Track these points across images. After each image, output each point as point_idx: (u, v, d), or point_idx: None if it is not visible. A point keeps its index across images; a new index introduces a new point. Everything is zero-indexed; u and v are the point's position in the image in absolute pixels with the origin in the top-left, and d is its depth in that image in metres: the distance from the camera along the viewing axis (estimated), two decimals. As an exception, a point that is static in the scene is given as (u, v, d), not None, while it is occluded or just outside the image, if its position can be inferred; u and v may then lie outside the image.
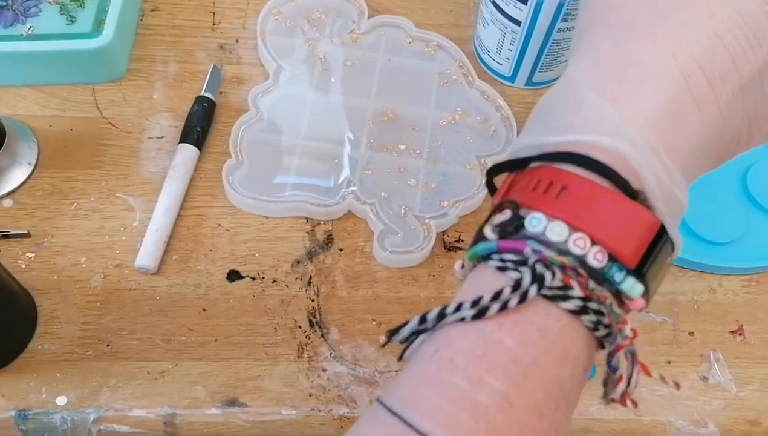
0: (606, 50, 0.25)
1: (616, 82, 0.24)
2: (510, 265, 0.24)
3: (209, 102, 0.50)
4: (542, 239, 0.23)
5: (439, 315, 0.24)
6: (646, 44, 0.24)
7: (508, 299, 0.23)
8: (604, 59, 0.25)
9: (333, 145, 0.49)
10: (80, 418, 0.40)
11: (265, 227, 0.47)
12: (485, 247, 0.25)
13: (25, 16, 0.50)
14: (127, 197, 0.47)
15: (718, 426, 0.43)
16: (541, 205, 0.24)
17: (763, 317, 0.47)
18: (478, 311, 0.23)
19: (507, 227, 0.24)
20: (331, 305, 0.45)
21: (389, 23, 0.55)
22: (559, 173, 0.24)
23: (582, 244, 0.23)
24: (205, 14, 0.56)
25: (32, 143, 0.48)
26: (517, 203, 0.25)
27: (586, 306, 0.23)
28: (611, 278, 0.23)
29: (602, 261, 0.23)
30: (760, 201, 0.49)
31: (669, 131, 0.24)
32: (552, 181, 0.24)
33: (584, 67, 0.26)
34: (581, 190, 0.23)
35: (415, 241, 0.46)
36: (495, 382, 0.22)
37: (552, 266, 0.23)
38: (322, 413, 0.41)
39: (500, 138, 0.51)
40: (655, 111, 0.24)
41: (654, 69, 0.24)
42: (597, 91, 0.24)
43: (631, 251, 0.23)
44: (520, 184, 0.25)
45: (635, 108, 0.24)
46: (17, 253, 0.44)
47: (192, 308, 0.44)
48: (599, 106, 0.24)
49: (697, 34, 0.24)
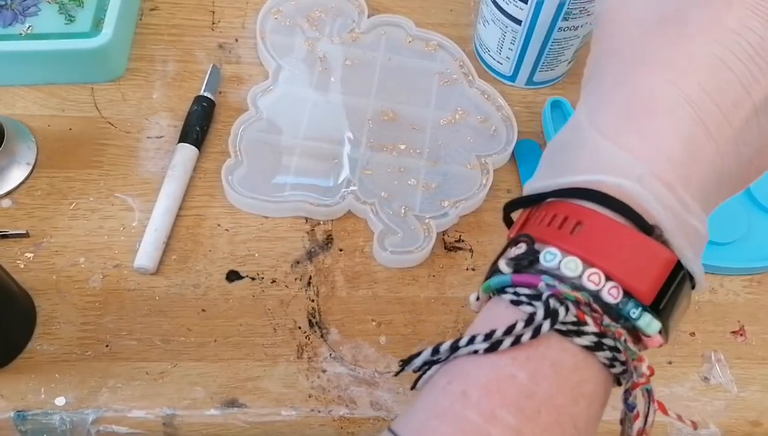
0: (611, 88, 0.25)
1: (624, 120, 0.24)
2: (524, 299, 0.24)
3: (208, 101, 0.50)
4: (556, 274, 0.23)
5: (452, 347, 0.24)
6: (653, 79, 0.24)
7: (521, 333, 0.23)
8: (611, 98, 0.25)
9: (333, 145, 0.49)
10: (79, 419, 0.40)
11: (265, 227, 0.47)
12: (499, 280, 0.25)
13: (24, 15, 0.50)
14: (126, 197, 0.47)
15: (719, 427, 0.43)
16: (556, 240, 0.24)
17: (765, 318, 0.47)
18: (491, 344, 0.23)
19: (522, 260, 0.24)
20: (331, 306, 0.45)
21: (389, 22, 0.55)
22: (574, 209, 0.24)
23: (596, 279, 0.23)
24: (205, 13, 0.55)
25: (31, 143, 0.48)
26: (533, 238, 0.25)
27: (601, 342, 0.23)
28: (627, 314, 0.23)
29: (617, 297, 0.23)
30: (761, 201, 0.49)
31: (683, 163, 0.24)
32: (567, 217, 0.24)
33: (592, 106, 0.26)
34: (596, 225, 0.23)
35: (415, 241, 0.46)
36: (508, 416, 0.22)
37: (566, 301, 0.23)
38: (322, 413, 0.41)
39: (501, 137, 0.51)
40: (666, 144, 0.24)
41: (660, 102, 0.24)
42: (605, 131, 0.24)
43: (646, 287, 0.23)
44: (535, 218, 0.25)
45: (646, 144, 0.24)
46: (16, 253, 0.44)
47: (191, 309, 0.44)
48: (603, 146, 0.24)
49: (703, 64, 0.24)
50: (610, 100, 0.25)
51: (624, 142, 0.24)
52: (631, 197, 0.23)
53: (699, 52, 0.24)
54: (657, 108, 0.24)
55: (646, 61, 0.25)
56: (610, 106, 0.25)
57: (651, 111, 0.24)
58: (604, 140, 0.24)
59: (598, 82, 0.26)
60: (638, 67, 0.25)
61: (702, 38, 0.24)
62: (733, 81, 0.24)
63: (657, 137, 0.24)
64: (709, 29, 0.24)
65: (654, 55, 0.25)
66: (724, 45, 0.24)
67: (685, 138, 0.24)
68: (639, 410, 0.24)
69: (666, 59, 0.24)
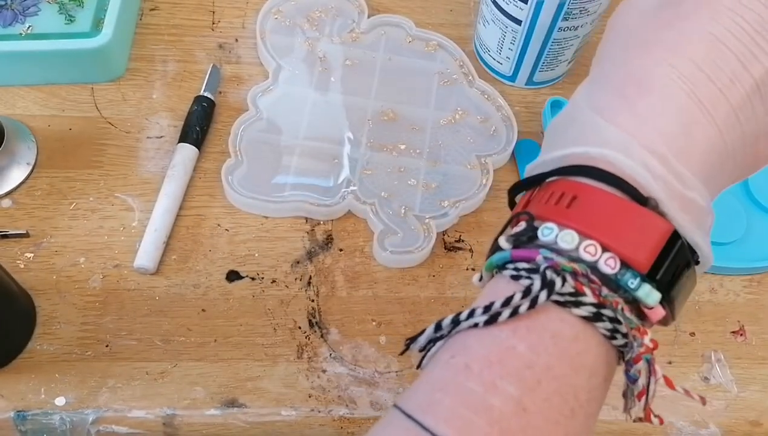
0: (607, 71, 0.26)
1: (617, 98, 0.25)
2: (523, 273, 0.24)
3: (208, 101, 0.50)
4: (554, 247, 0.24)
5: (453, 321, 0.24)
6: (647, 58, 0.25)
7: (519, 304, 0.23)
8: (606, 79, 0.26)
9: (333, 145, 0.49)
10: (79, 419, 0.40)
11: (265, 227, 0.47)
12: (500, 257, 0.25)
13: (24, 15, 0.50)
14: (126, 197, 0.47)
15: (719, 427, 0.43)
16: (553, 215, 0.24)
17: (765, 318, 0.47)
18: (490, 316, 0.23)
19: (521, 237, 0.25)
20: (331, 306, 0.45)
21: (389, 22, 0.55)
22: (570, 185, 0.24)
23: (592, 250, 0.23)
24: (205, 13, 0.55)
25: (31, 143, 0.48)
26: (532, 215, 0.25)
27: (600, 313, 0.23)
28: (625, 285, 0.23)
29: (614, 267, 0.23)
30: (761, 201, 0.49)
31: (676, 136, 0.24)
32: (563, 192, 0.24)
33: (586, 89, 0.26)
34: (590, 199, 0.24)
35: (415, 241, 0.46)
36: (509, 387, 0.22)
37: (563, 273, 0.23)
38: (322, 413, 0.41)
39: (501, 137, 0.51)
40: (657, 119, 0.24)
41: (654, 80, 0.24)
42: (598, 108, 0.25)
43: (642, 256, 0.23)
44: (535, 198, 0.26)
45: (636, 120, 0.24)
46: (16, 253, 0.44)
47: (191, 309, 0.44)
48: (595, 122, 0.25)
49: (697, 41, 0.24)
50: (606, 80, 0.26)
51: (616, 119, 0.24)
52: (622, 171, 0.24)
53: (692, 30, 0.24)
54: (650, 86, 0.24)
55: (642, 43, 0.25)
56: (606, 86, 0.25)
57: (644, 89, 0.24)
58: (596, 116, 0.25)
59: (597, 67, 0.27)
60: (634, 50, 0.25)
61: (696, 16, 0.25)
62: (730, 58, 0.24)
63: (648, 113, 0.24)
64: (703, 8, 0.25)
65: (649, 37, 0.25)
66: (718, 22, 0.24)
67: (678, 112, 0.24)
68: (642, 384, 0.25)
69: (660, 39, 0.25)
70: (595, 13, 0.48)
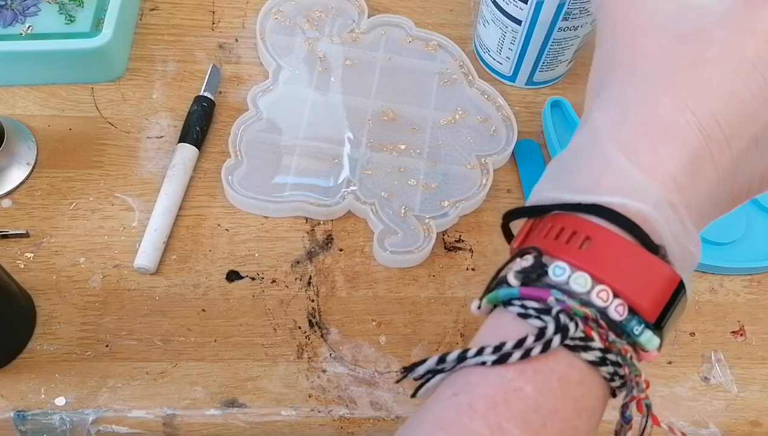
0: (631, 104, 0.25)
1: (641, 139, 0.25)
2: (532, 312, 0.24)
3: (208, 101, 0.50)
4: (565, 289, 0.24)
5: (459, 357, 0.24)
6: (671, 101, 0.25)
7: (532, 347, 0.23)
8: (629, 114, 0.25)
9: (333, 145, 0.49)
10: (79, 419, 0.40)
11: (265, 227, 0.47)
12: (507, 292, 0.25)
13: (24, 15, 0.50)
14: (126, 197, 0.47)
15: (719, 427, 0.43)
16: (565, 254, 0.24)
17: (765, 318, 0.47)
18: (500, 356, 0.23)
19: (530, 273, 0.24)
20: (331, 306, 0.45)
21: (389, 22, 0.55)
22: (583, 224, 0.24)
23: (605, 296, 0.23)
24: (205, 13, 0.55)
25: (31, 143, 0.48)
26: (540, 251, 0.25)
27: (605, 357, 0.23)
28: (630, 331, 0.23)
29: (623, 314, 0.23)
30: (761, 201, 0.49)
31: (686, 187, 0.24)
32: (575, 231, 0.24)
33: (609, 120, 0.26)
34: (606, 242, 0.24)
35: (415, 241, 0.46)
36: (515, 430, 0.22)
37: (575, 317, 0.23)
38: (322, 413, 0.41)
39: (501, 138, 0.51)
40: (677, 169, 0.24)
41: (676, 126, 0.24)
42: (621, 147, 0.25)
43: (651, 306, 0.23)
44: (540, 230, 0.26)
45: (660, 167, 0.24)
46: (16, 253, 0.44)
47: (191, 309, 0.44)
48: (624, 167, 0.24)
49: (720, 92, 0.24)
50: (628, 117, 0.25)
51: (641, 163, 0.24)
52: (642, 218, 0.24)
53: (716, 79, 0.24)
54: (672, 132, 0.24)
55: (665, 81, 0.25)
56: (629, 123, 0.25)
57: (667, 134, 0.24)
58: (624, 159, 0.24)
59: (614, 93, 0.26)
60: (657, 88, 0.25)
61: (721, 65, 0.24)
62: (740, 109, 0.24)
63: (670, 162, 0.24)
64: (729, 57, 0.25)
65: (673, 76, 0.25)
66: (740, 75, 0.24)
67: (692, 163, 0.24)
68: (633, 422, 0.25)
69: (684, 82, 0.25)
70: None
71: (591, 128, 0.26)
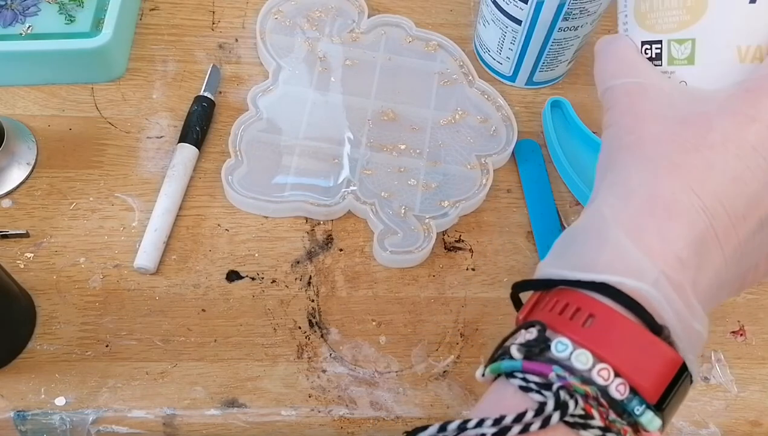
0: (635, 185, 0.26)
1: (645, 219, 0.25)
2: (533, 386, 0.24)
3: (208, 101, 0.50)
4: (567, 365, 0.24)
5: (459, 427, 0.24)
6: (675, 182, 0.25)
7: (531, 422, 0.23)
8: (634, 194, 0.26)
9: (333, 145, 0.49)
10: (79, 419, 0.40)
11: (265, 227, 0.47)
12: (510, 364, 0.25)
13: (24, 15, 0.50)
14: (126, 197, 0.47)
15: (719, 427, 0.43)
16: (568, 330, 0.24)
17: (765, 318, 0.47)
18: (500, 429, 0.23)
19: (533, 347, 0.25)
20: (331, 306, 0.45)
21: (389, 22, 0.55)
22: (587, 301, 0.25)
23: (606, 375, 0.23)
24: (205, 13, 0.55)
25: (31, 143, 0.48)
26: (544, 325, 0.25)
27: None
28: (631, 410, 0.23)
29: (624, 394, 0.23)
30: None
31: (693, 269, 0.24)
32: (579, 308, 0.25)
33: (614, 200, 0.26)
34: (608, 321, 0.24)
35: (415, 241, 0.46)
36: None
37: (575, 394, 0.23)
38: (322, 413, 0.41)
39: (501, 138, 0.51)
40: (682, 250, 0.24)
41: (681, 208, 0.25)
42: (626, 227, 0.25)
43: (653, 387, 0.23)
44: (546, 304, 0.26)
45: (663, 246, 0.24)
46: (16, 253, 0.44)
47: (191, 309, 0.44)
48: (625, 245, 0.25)
49: (722, 175, 0.25)
50: (633, 197, 0.26)
51: (643, 242, 0.25)
52: (644, 298, 0.24)
53: (719, 162, 0.25)
54: (675, 212, 0.25)
55: (669, 163, 0.26)
56: (633, 203, 0.26)
57: (670, 214, 0.25)
58: (625, 238, 0.25)
59: (620, 174, 0.27)
60: (661, 169, 0.26)
61: (723, 149, 0.25)
62: (745, 194, 0.25)
63: (673, 241, 0.24)
64: (730, 141, 0.25)
65: (676, 158, 0.26)
66: (741, 159, 0.25)
67: (698, 244, 0.25)
68: None
69: (687, 165, 0.25)
70: (595, 13, 0.48)
71: (597, 207, 0.27)
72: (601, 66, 0.30)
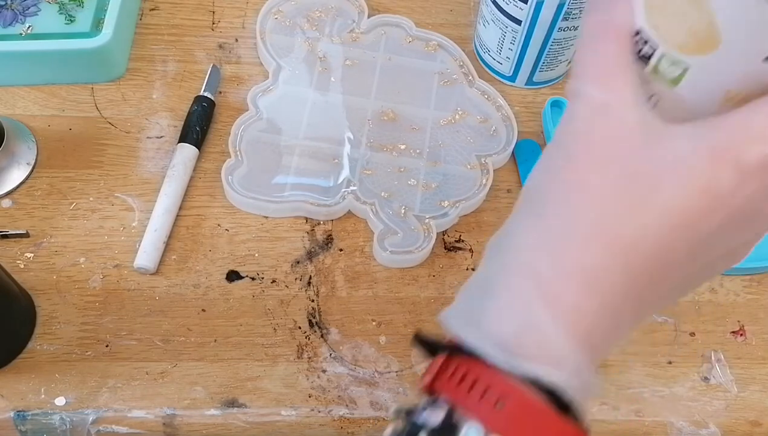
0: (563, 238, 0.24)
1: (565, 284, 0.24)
2: None
3: (208, 101, 0.50)
4: None
5: None
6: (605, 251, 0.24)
7: None
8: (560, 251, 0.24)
9: (333, 145, 0.49)
10: (79, 419, 0.40)
11: (265, 227, 0.47)
12: None
13: (24, 15, 0.50)
14: (126, 197, 0.47)
15: (719, 427, 0.43)
16: (479, 414, 0.23)
17: (765, 318, 0.47)
18: None
19: (441, 434, 0.24)
20: (331, 306, 0.45)
21: (389, 22, 0.55)
22: (497, 380, 0.24)
23: None
24: (205, 13, 0.55)
25: (31, 143, 0.48)
26: (451, 405, 0.24)
27: None
28: None
29: None
30: (761, 201, 0.49)
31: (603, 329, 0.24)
32: (489, 387, 0.23)
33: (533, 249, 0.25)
34: (521, 408, 0.23)
35: (415, 241, 0.46)
36: None
37: None
38: (322, 413, 0.41)
39: (501, 138, 0.51)
40: (599, 321, 0.24)
41: (605, 280, 0.24)
42: (545, 296, 0.24)
43: None
44: (453, 372, 0.25)
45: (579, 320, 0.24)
46: (16, 253, 0.44)
47: (191, 309, 0.44)
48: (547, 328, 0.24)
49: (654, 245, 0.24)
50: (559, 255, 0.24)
51: (561, 317, 0.24)
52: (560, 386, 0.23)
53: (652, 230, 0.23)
54: (597, 288, 0.24)
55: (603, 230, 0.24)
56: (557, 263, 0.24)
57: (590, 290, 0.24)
58: (545, 312, 0.24)
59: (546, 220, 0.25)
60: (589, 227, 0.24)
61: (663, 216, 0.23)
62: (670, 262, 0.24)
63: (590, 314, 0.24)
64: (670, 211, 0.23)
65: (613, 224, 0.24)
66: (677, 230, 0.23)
67: (614, 316, 0.24)
68: None
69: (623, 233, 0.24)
70: (595, 13, 0.48)
71: (515, 250, 0.25)
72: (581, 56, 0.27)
